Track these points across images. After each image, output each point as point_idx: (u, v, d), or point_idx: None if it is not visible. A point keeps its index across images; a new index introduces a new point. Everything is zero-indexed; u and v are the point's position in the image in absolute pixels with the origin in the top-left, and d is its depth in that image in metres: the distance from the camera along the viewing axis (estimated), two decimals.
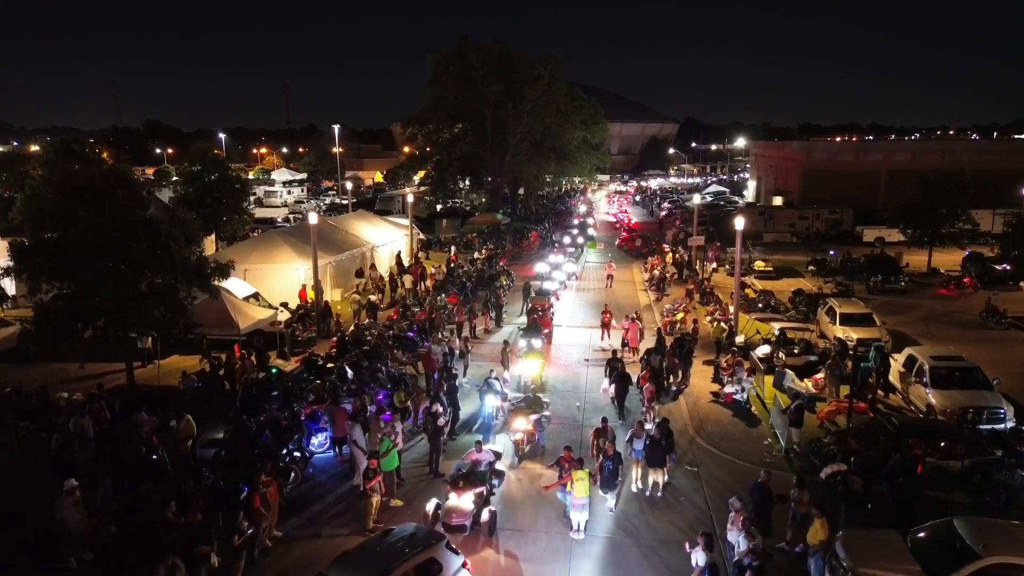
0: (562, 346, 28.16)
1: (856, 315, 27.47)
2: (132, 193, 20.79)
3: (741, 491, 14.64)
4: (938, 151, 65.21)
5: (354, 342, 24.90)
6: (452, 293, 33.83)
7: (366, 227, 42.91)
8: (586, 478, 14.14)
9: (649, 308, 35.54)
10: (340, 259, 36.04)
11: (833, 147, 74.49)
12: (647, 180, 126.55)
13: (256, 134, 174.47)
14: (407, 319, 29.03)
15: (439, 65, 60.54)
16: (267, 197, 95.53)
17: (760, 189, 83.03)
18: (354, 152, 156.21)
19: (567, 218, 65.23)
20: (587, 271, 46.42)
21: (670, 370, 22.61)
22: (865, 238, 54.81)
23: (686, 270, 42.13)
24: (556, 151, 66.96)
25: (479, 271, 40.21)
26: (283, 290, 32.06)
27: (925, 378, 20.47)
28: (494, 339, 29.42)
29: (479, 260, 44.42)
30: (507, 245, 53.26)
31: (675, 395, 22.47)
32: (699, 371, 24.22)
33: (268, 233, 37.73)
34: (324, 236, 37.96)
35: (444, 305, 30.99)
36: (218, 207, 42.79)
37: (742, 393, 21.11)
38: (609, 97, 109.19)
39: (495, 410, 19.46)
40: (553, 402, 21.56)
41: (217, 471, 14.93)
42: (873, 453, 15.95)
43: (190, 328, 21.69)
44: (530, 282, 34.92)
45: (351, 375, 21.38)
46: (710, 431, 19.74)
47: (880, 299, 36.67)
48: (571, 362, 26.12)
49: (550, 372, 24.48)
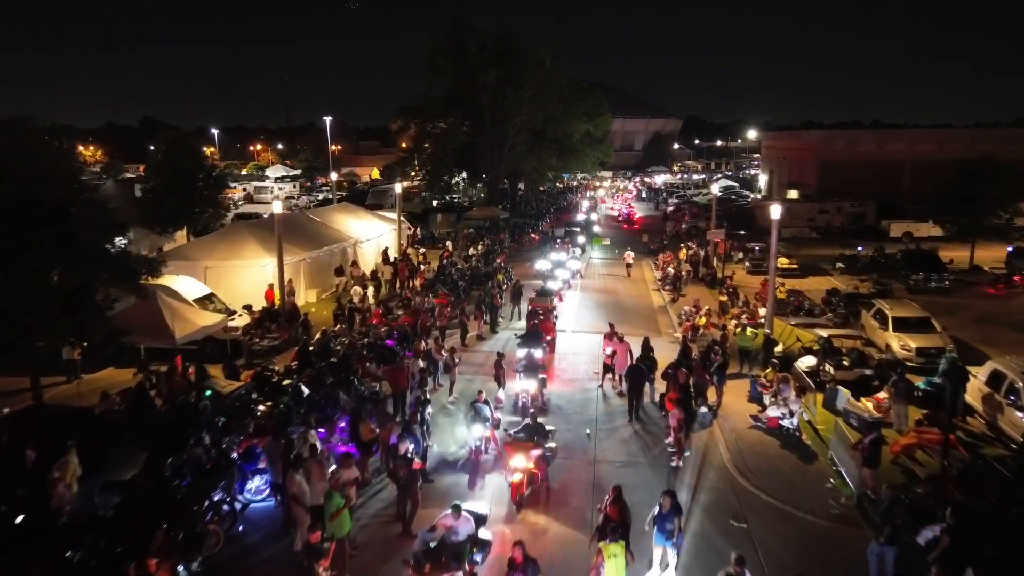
0: (567, 355, 24.16)
1: (912, 319, 23.49)
2: (38, 169, 16.78)
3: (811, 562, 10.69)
4: (965, 139, 61.04)
5: (319, 353, 20.94)
6: (441, 293, 29.84)
7: (350, 220, 38.94)
8: (621, 554, 10.18)
9: (664, 310, 31.55)
10: (317, 255, 32.07)
11: (853, 136, 70.30)
12: (651, 176, 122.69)
13: (256, 131, 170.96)
14: (388, 324, 25.03)
15: (434, 51, 56.77)
16: (258, 193, 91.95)
17: (772, 182, 79.02)
18: (352, 148, 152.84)
19: (569, 214, 61.21)
20: (593, 268, 42.43)
21: (699, 389, 18.60)
22: (892, 233, 50.77)
23: (703, 267, 38.10)
24: (558, 143, 63.05)
25: (473, 268, 36.20)
26: (250, 290, 28.13)
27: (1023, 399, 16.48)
28: (488, 346, 25.45)
29: (475, 256, 40.41)
30: (506, 241, 49.22)
31: (706, 419, 18.46)
32: (729, 386, 20.24)
33: (234, 226, 33.74)
34: (301, 229, 34.09)
35: (432, 307, 26.99)
36: (189, 198, 39.12)
37: (790, 419, 17.11)
38: (611, 92, 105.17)
39: (484, 442, 15.51)
40: (558, 427, 17.58)
41: (98, 538, 10.92)
42: (986, 506, 12.00)
43: (115, 336, 17.78)
44: (521, 282, 30.91)
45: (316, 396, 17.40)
46: (755, 468, 15.73)
47: (922, 299, 32.60)
48: (578, 375, 22.14)
49: (554, 388, 20.47)
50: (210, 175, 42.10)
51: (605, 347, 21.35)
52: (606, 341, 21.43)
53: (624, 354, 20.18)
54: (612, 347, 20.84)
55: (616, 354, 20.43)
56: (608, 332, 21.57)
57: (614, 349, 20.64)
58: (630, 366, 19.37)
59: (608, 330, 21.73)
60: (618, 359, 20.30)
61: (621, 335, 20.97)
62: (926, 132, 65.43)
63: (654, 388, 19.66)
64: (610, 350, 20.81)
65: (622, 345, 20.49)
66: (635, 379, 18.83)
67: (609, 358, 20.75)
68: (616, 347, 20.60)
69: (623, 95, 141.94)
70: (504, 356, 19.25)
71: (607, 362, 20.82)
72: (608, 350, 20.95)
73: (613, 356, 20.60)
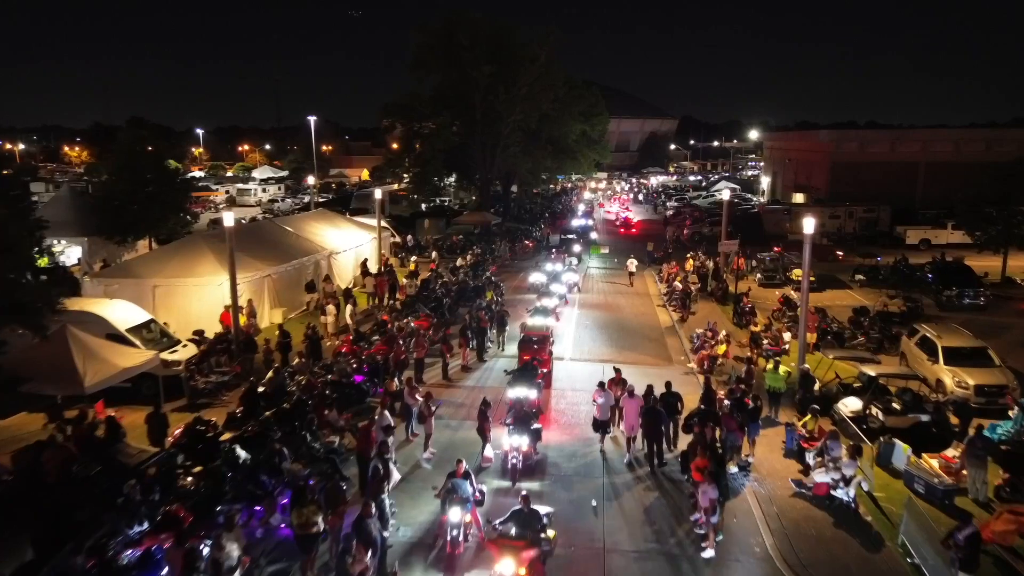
0: (565, 392, 20.77)
1: (965, 350, 20.21)
2: None
3: None
4: (982, 140, 57.95)
5: (272, 396, 17.55)
6: (423, 314, 26.43)
7: (326, 229, 35.49)
8: None
9: (673, 331, 28.23)
10: (284, 270, 28.62)
11: (865, 136, 67.09)
12: (647, 178, 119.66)
13: (247, 132, 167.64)
14: (360, 352, 21.62)
15: (423, 45, 53.39)
16: (240, 196, 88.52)
17: (776, 185, 75.79)
18: (343, 149, 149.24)
19: (565, 219, 57.89)
20: (591, 280, 39.10)
21: (729, 447, 15.25)
22: (908, 240, 47.57)
23: (712, 280, 34.81)
24: (553, 143, 59.73)
25: (461, 283, 32.79)
26: (204, 312, 24.70)
27: None
28: (474, 378, 22.08)
29: (462, 268, 36.98)
30: (497, 250, 45.82)
31: (737, 481, 15.11)
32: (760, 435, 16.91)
33: (190, 238, 30.20)
34: (267, 241, 30.69)
35: (411, 331, 23.60)
36: (150, 205, 35.82)
37: (844, 488, 13.80)
38: (606, 91, 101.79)
39: (462, 529, 12.15)
40: (556, 496, 14.29)
41: None
42: None
43: (8, 386, 14.39)
44: (506, 309, 26.92)
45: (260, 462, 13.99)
46: (808, 559, 12.38)
47: (956, 317, 29.48)
48: (579, 419, 18.68)
49: (551, 438, 17.08)
50: (174, 178, 38.81)
51: (597, 397, 16.55)
52: (612, 388, 17.06)
53: (635, 414, 15.85)
54: (614, 398, 16.85)
55: (626, 410, 16.23)
56: (613, 379, 17.47)
57: (619, 402, 16.66)
58: (646, 408, 15.90)
59: (614, 375, 17.63)
60: (626, 419, 16.20)
61: (631, 387, 16.63)
62: (942, 132, 62.21)
63: (676, 431, 16.38)
64: (602, 400, 16.44)
65: (632, 401, 16.02)
66: (652, 423, 15.58)
67: (602, 409, 16.38)
68: (625, 403, 16.27)
69: (618, 94, 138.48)
70: (490, 405, 15.85)
71: (599, 416, 16.40)
72: (600, 400, 16.45)
73: (614, 410, 16.85)
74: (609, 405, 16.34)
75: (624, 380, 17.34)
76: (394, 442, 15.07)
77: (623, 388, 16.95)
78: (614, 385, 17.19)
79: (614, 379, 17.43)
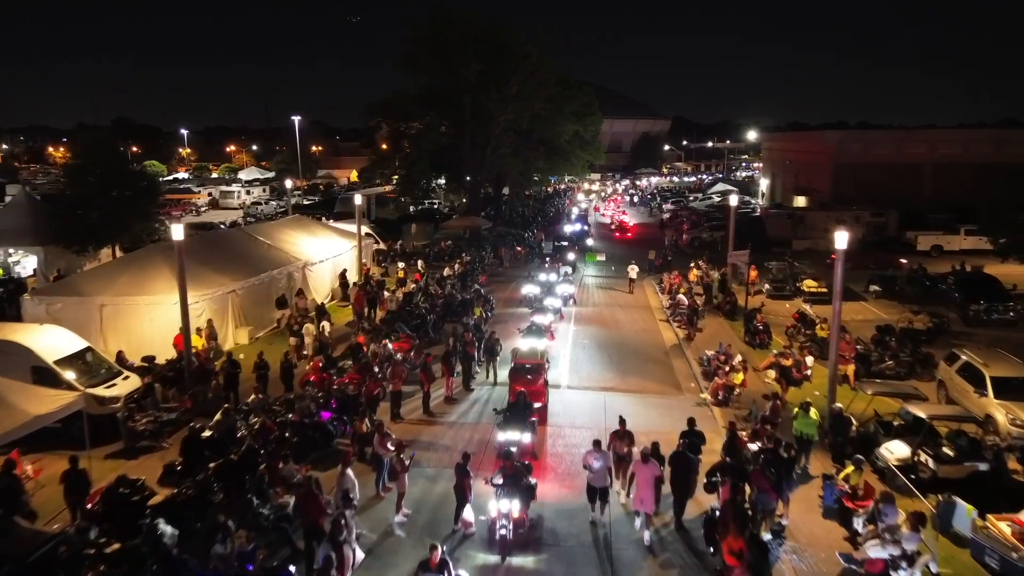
0: (563, 429, 18.17)
1: (1017, 381, 17.78)
2: None
3: None
4: (991, 141, 55.82)
5: (220, 441, 14.93)
6: (403, 335, 23.82)
7: (301, 238, 32.81)
8: None
9: (679, 350, 25.73)
10: (251, 285, 25.94)
11: (870, 137, 65.01)
12: (640, 179, 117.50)
13: (236, 132, 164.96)
14: (329, 381, 19.03)
15: (412, 42, 50.96)
16: (223, 198, 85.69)
17: (775, 187, 73.54)
18: (332, 150, 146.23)
19: (559, 224, 55.35)
20: (587, 290, 36.60)
21: (762, 510, 12.72)
22: (919, 246, 45.31)
23: (718, 292, 32.34)
24: (545, 144, 57.23)
25: (447, 296, 30.19)
26: (158, 335, 22.06)
27: None
28: (460, 411, 19.49)
29: (449, 278, 34.36)
30: (488, 257, 43.25)
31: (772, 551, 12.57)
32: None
33: (144, 250, 27.43)
34: (233, 252, 28.01)
35: (388, 355, 21.01)
36: (112, 210, 33.24)
37: (908, 570, 11.29)
38: (598, 91, 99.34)
39: None
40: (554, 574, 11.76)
41: None
42: None
43: None
44: (496, 335, 22.83)
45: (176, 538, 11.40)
46: None
47: (983, 333, 27.21)
48: (579, 465, 15.97)
49: (546, 491, 14.51)
50: (139, 181, 36.11)
51: (591, 460, 12.96)
52: (615, 443, 13.98)
53: (649, 486, 12.48)
54: (618, 455, 13.89)
55: (639, 477, 12.68)
56: (616, 432, 14.28)
57: (627, 457, 13.62)
58: (674, 453, 13.48)
59: (618, 428, 14.34)
60: (638, 490, 12.69)
61: (646, 449, 12.91)
62: (949, 133, 60.19)
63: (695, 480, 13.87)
64: (598, 464, 12.99)
65: (647, 468, 12.56)
66: (682, 470, 13.14)
67: (598, 476, 13.08)
68: (638, 470, 12.73)
69: (610, 94, 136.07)
70: (470, 458, 13.23)
71: (594, 483, 13.13)
72: (595, 463, 12.93)
73: (620, 470, 13.98)
74: (607, 467, 13.29)
75: (630, 433, 14.40)
76: (354, 513, 12.41)
77: (629, 443, 14.15)
78: (617, 439, 14.24)
79: (617, 431, 14.45)
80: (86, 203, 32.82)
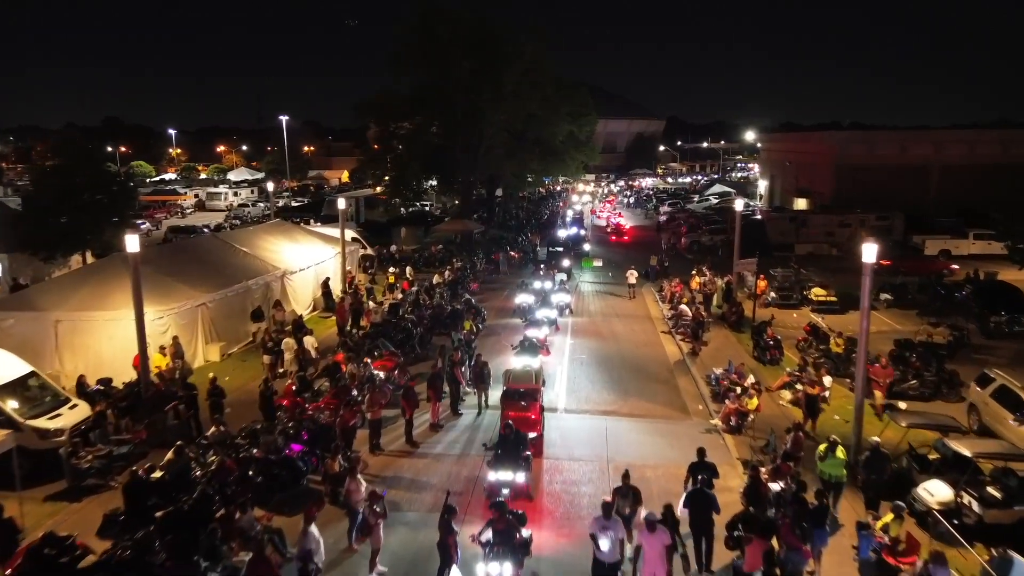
0: (560, 464, 16.36)
1: None
2: None
3: None
4: (998, 142, 54.35)
5: (171, 484, 13.12)
6: (386, 352, 22.02)
7: (281, 244, 30.99)
8: None
9: (683, 366, 24.01)
10: (224, 297, 24.10)
11: (873, 138, 63.46)
12: (635, 180, 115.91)
13: (227, 132, 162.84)
14: (303, 408, 17.25)
15: (401, 40, 49.17)
16: (210, 200, 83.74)
17: (774, 189, 71.98)
18: (324, 150, 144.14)
19: (553, 227, 53.58)
20: (583, 298, 34.85)
21: (794, 569, 10.98)
22: (926, 250, 43.78)
23: (723, 302, 30.63)
24: (540, 145, 55.50)
25: (436, 307, 28.38)
26: (119, 354, 20.21)
27: None
28: (447, 440, 17.71)
29: (439, 286, 32.55)
30: (480, 263, 41.46)
31: None
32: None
33: (105, 261, 25.56)
34: (206, 261, 26.21)
35: (370, 378, 19.23)
36: (81, 215, 31.55)
37: None
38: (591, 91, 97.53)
39: None
40: None
41: None
42: None
43: None
44: (484, 359, 19.86)
45: None
46: None
47: (1006, 346, 25.63)
48: (580, 509, 14.27)
49: (542, 542, 12.74)
50: (112, 183, 34.31)
51: (599, 533, 10.91)
52: (616, 501, 11.89)
53: (659, 559, 10.56)
54: (621, 518, 11.74)
55: (649, 549, 10.64)
56: (619, 488, 12.33)
57: (646, 540, 10.73)
58: (692, 491, 12.19)
59: (620, 484, 12.43)
60: (647, 565, 10.67)
61: (652, 516, 10.87)
62: (955, 134, 58.73)
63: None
64: (607, 540, 10.88)
65: (655, 538, 10.62)
66: (701, 511, 11.68)
67: (608, 551, 10.91)
68: (645, 540, 10.71)
69: (603, 94, 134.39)
70: (455, 512, 11.43)
71: (603, 558, 10.91)
72: (605, 541, 10.89)
73: (649, 552, 10.95)
74: (619, 540, 11.14)
75: (635, 491, 12.31)
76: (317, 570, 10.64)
77: (632, 503, 12.10)
78: (620, 498, 12.17)
79: (620, 488, 12.42)
80: (53, 207, 31.08)
